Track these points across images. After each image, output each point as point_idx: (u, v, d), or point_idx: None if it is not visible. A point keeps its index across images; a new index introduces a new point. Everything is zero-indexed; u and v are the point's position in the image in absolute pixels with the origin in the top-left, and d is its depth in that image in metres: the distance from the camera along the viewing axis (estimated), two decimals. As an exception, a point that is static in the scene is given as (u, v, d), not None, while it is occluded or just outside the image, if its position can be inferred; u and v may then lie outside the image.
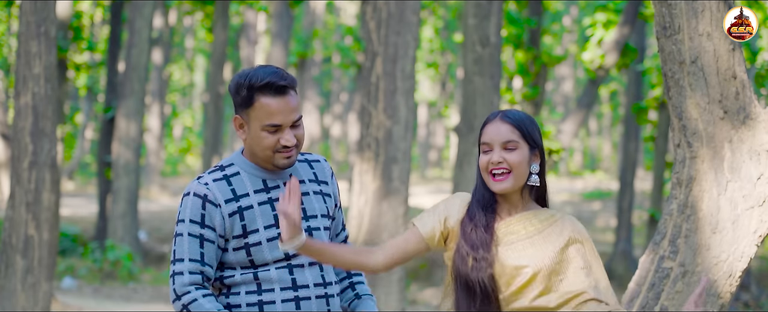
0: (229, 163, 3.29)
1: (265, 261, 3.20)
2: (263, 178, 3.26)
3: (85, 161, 36.28)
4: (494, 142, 3.04)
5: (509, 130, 3.04)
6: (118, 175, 14.89)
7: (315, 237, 3.27)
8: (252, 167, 3.27)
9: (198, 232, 3.19)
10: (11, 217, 7.92)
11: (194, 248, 3.18)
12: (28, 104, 7.86)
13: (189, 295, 3.16)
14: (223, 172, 3.26)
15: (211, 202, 3.19)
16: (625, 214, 16.66)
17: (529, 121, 3.09)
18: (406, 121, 8.75)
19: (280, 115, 3.18)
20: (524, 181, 3.06)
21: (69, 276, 13.58)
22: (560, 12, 28.17)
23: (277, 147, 3.21)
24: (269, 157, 3.22)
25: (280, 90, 3.18)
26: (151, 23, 15.20)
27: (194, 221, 3.19)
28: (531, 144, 3.06)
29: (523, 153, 3.04)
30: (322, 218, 3.32)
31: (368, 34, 8.85)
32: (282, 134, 3.20)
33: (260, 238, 3.20)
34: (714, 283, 4.33)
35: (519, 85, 17.12)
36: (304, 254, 3.09)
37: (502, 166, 3.03)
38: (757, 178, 4.30)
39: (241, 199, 3.21)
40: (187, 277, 3.17)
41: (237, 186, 3.23)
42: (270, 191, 3.25)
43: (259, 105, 3.18)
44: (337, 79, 39.33)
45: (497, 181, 3.04)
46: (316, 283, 3.24)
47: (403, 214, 8.77)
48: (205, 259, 3.18)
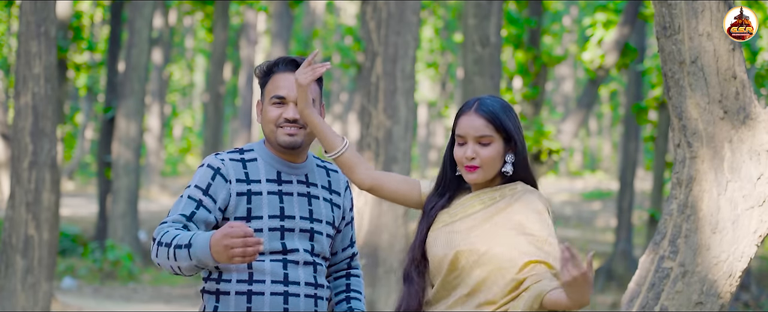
0: (250, 148, 3.32)
1: (262, 250, 3.19)
2: (278, 170, 3.27)
3: (85, 161, 36.27)
4: (468, 135, 3.07)
5: (483, 125, 3.06)
6: (118, 175, 14.89)
7: (316, 241, 3.27)
8: (270, 156, 3.29)
9: (198, 197, 3.19)
10: (11, 217, 7.91)
11: (188, 207, 3.18)
12: (28, 104, 7.86)
13: (161, 228, 3.13)
14: (242, 156, 3.28)
15: (222, 175, 3.21)
16: (625, 214, 16.65)
17: (505, 111, 3.08)
18: (406, 121, 8.75)
19: (285, 88, 3.24)
20: (496, 171, 3.10)
21: (69, 276, 13.58)
22: (560, 12, 28.16)
23: (279, 121, 3.24)
24: (273, 132, 3.24)
25: (290, 66, 3.27)
26: (151, 23, 15.20)
27: (199, 187, 3.20)
28: (505, 137, 3.07)
29: (497, 147, 3.07)
30: (327, 225, 3.31)
31: (368, 34, 8.84)
32: (286, 108, 3.24)
33: (262, 225, 3.20)
34: (714, 283, 4.33)
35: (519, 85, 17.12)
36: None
37: (473, 162, 3.06)
38: (757, 178, 4.30)
39: (253, 183, 3.23)
40: (168, 224, 3.14)
41: (251, 171, 3.25)
42: (282, 184, 3.26)
43: (271, 81, 3.28)
44: (337, 79, 39.32)
45: (469, 172, 3.08)
46: (307, 282, 3.23)
47: (403, 214, 8.77)
48: (193, 218, 3.16)
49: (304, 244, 3.25)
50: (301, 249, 3.23)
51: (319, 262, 3.28)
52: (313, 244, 3.26)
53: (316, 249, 3.27)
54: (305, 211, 3.26)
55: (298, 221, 3.24)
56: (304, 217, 3.26)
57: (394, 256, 8.62)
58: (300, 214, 3.25)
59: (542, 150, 12.55)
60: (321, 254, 3.30)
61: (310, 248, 3.25)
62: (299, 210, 3.25)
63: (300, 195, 3.28)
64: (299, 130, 3.24)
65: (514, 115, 3.11)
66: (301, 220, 3.25)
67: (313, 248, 3.26)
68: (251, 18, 22.62)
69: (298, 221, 3.24)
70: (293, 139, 3.24)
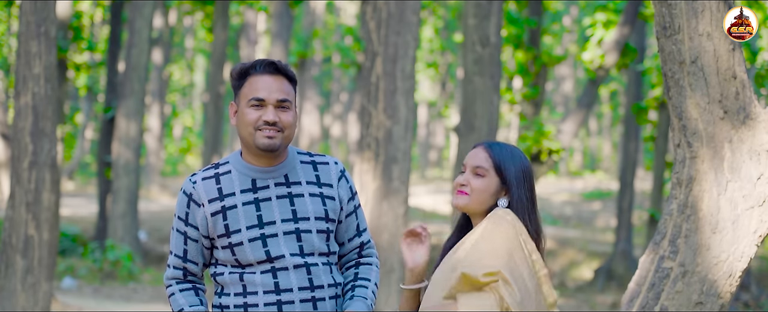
0: (225, 161, 3.33)
1: (249, 261, 3.22)
2: (253, 178, 3.26)
3: (85, 161, 36.27)
4: (468, 164, 3.27)
5: (484, 159, 3.24)
6: (118, 175, 14.89)
7: (305, 241, 3.25)
8: (244, 166, 3.28)
9: (183, 229, 3.30)
10: (11, 217, 7.91)
11: (179, 244, 3.31)
12: (28, 104, 7.86)
13: (170, 288, 3.32)
14: (216, 170, 3.30)
15: (194, 201, 3.26)
16: (625, 214, 16.65)
17: (512, 158, 3.24)
18: (406, 121, 8.75)
19: (265, 91, 3.22)
20: (484, 208, 3.24)
21: (69, 276, 13.58)
22: (560, 12, 28.16)
23: (258, 124, 3.22)
24: (251, 135, 3.23)
25: (268, 68, 3.26)
26: (151, 23, 15.20)
27: (180, 218, 3.30)
28: (502, 178, 3.22)
29: (489, 183, 3.23)
30: (317, 221, 3.27)
31: (368, 34, 8.84)
32: (265, 111, 3.22)
33: (242, 238, 3.21)
34: (714, 283, 4.33)
35: (519, 85, 17.13)
36: None
37: (464, 189, 3.25)
38: (757, 178, 4.30)
39: (226, 198, 3.23)
40: (171, 271, 3.33)
41: (225, 185, 3.25)
42: (257, 191, 3.25)
43: (247, 83, 3.26)
44: (337, 79, 39.32)
45: (456, 195, 3.27)
46: (301, 287, 3.22)
47: (403, 214, 8.77)
48: (188, 256, 3.30)
49: (290, 247, 3.22)
50: (287, 254, 3.21)
51: (313, 262, 3.24)
52: (301, 245, 3.23)
53: (306, 249, 3.24)
54: (287, 213, 3.24)
55: (280, 225, 3.22)
56: (287, 218, 3.23)
57: (394, 256, 8.62)
58: (282, 217, 3.23)
59: (542, 150, 12.55)
60: (315, 252, 3.26)
61: (298, 250, 3.22)
62: (280, 213, 3.23)
63: (280, 197, 3.25)
64: (278, 133, 3.22)
65: (520, 164, 3.24)
66: (283, 222, 3.22)
67: (301, 249, 3.23)
68: (251, 18, 22.63)
69: (279, 225, 3.22)
70: (272, 141, 3.21)
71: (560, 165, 36.94)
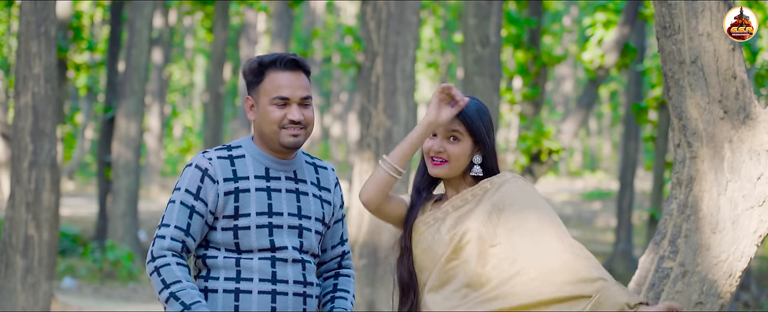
0: (238, 145, 3.31)
1: (250, 248, 3.19)
2: (267, 166, 3.27)
3: (85, 161, 36.27)
4: (439, 130, 3.20)
5: (455, 122, 3.18)
6: (118, 175, 14.89)
7: (305, 238, 3.27)
8: (258, 153, 3.27)
9: (190, 203, 3.20)
10: (11, 217, 7.92)
11: (183, 217, 3.19)
12: (28, 104, 7.86)
13: (163, 259, 3.17)
14: (229, 152, 3.27)
15: (210, 176, 3.21)
16: (625, 214, 16.66)
17: (479, 114, 3.21)
18: (406, 121, 8.75)
19: (289, 89, 3.21)
20: (462, 170, 3.22)
21: (69, 276, 13.58)
22: (560, 12, 28.16)
23: (283, 122, 3.22)
24: (275, 133, 3.22)
25: (289, 65, 3.24)
26: (151, 23, 15.19)
27: (189, 191, 3.21)
28: (475, 137, 3.19)
29: (465, 146, 3.19)
30: (316, 222, 3.30)
31: (368, 34, 8.84)
32: (290, 109, 3.22)
33: (250, 222, 3.20)
34: (714, 283, 4.33)
35: (519, 85, 17.12)
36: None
37: (441, 155, 3.20)
38: (757, 178, 4.29)
39: (241, 180, 3.22)
40: (168, 242, 3.18)
41: (239, 168, 3.24)
42: (270, 180, 3.25)
43: (268, 79, 3.23)
44: (337, 79, 39.31)
45: (434, 165, 3.22)
46: (296, 281, 3.22)
47: (403, 214, 8.77)
48: (190, 230, 3.19)
49: (293, 241, 3.24)
50: (290, 246, 3.22)
51: (307, 259, 3.27)
52: (302, 241, 3.25)
53: (305, 246, 3.26)
54: (294, 208, 3.25)
55: (287, 218, 3.23)
56: (293, 213, 3.25)
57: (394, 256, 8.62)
58: (288, 210, 3.24)
59: (542, 150, 12.55)
60: (310, 251, 3.28)
61: (299, 245, 3.24)
62: (287, 206, 3.24)
63: (288, 191, 3.26)
64: (302, 130, 3.24)
65: (487, 118, 3.22)
66: (290, 216, 3.24)
67: (301, 245, 3.25)
68: (251, 18, 22.62)
69: (286, 218, 3.23)
70: (297, 140, 3.23)
71: (560, 165, 36.93)
